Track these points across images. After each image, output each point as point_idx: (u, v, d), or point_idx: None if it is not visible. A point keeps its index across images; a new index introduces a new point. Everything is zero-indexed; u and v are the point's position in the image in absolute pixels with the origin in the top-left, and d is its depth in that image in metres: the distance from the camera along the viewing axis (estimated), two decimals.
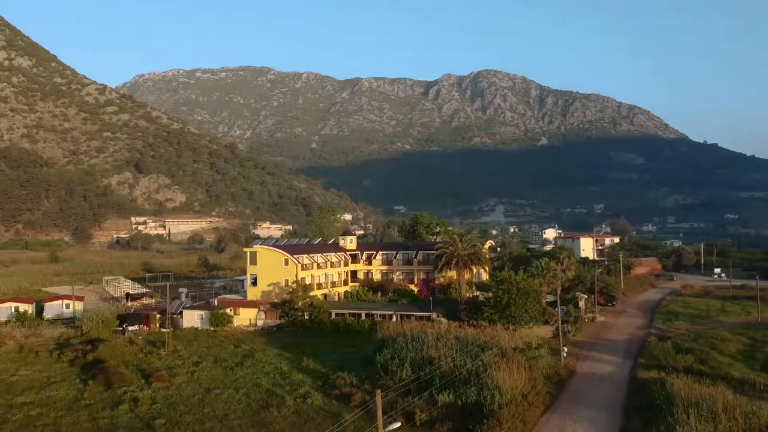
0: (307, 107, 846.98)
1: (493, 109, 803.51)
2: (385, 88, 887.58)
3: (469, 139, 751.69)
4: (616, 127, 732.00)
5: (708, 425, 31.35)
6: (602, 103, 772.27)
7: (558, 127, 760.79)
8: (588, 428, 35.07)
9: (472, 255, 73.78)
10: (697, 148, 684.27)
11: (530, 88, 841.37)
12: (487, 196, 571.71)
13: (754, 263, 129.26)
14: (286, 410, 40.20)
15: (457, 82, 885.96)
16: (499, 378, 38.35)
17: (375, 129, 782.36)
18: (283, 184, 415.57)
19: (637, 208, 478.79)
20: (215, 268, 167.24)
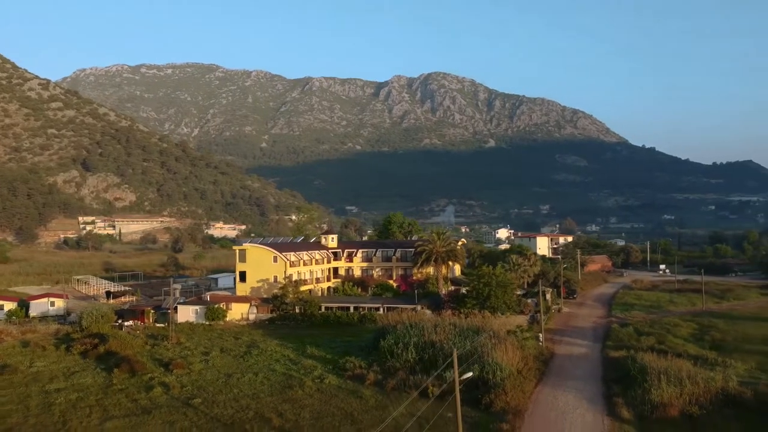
0: (257, 106, 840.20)
1: (443, 111, 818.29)
2: (336, 89, 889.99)
3: (419, 140, 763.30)
4: (561, 131, 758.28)
5: (676, 388, 38.10)
6: (548, 107, 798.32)
7: (505, 130, 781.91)
8: (576, 395, 41.38)
9: (449, 252, 79.93)
10: (636, 151, 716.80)
11: (479, 91, 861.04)
12: (438, 196, 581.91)
13: (694, 260, 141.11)
14: (308, 389, 44.89)
15: (407, 84, 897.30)
16: (498, 357, 44.37)
17: (326, 129, 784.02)
18: (236, 184, 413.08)
19: (580, 208, 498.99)
20: (181, 268, 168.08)
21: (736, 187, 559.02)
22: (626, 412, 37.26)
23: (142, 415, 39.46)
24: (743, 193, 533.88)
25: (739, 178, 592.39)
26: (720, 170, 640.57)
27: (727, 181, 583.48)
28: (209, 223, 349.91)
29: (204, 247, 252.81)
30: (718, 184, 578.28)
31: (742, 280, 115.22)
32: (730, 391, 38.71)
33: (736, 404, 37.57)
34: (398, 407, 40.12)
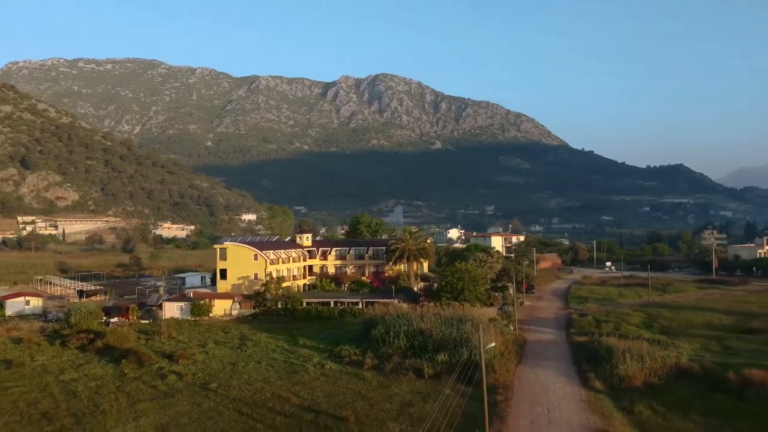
0: (202, 104, 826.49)
1: (390, 113, 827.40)
2: (283, 88, 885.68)
3: (367, 140, 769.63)
4: (505, 133, 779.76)
5: (638, 363, 44.67)
6: (492, 110, 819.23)
7: (451, 132, 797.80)
8: (553, 372, 47.41)
9: (420, 250, 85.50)
10: (576, 154, 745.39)
11: (425, 93, 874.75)
12: (386, 197, 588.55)
13: (635, 258, 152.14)
14: (312, 374, 49.21)
15: (355, 85, 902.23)
16: (484, 341, 49.78)
17: (273, 128, 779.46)
18: (184, 183, 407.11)
19: (524, 209, 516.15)
20: (140, 268, 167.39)
21: (669, 189, 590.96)
22: (598, 384, 43.56)
23: (166, 399, 42.87)
24: (675, 195, 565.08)
25: (671, 181, 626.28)
26: (654, 173, 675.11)
27: (661, 184, 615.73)
28: (157, 223, 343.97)
29: (156, 248, 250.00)
30: (652, 187, 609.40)
31: (680, 275, 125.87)
32: (682, 365, 45.70)
33: (687, 375, 44.55)
34: (398, 387, 45.21)
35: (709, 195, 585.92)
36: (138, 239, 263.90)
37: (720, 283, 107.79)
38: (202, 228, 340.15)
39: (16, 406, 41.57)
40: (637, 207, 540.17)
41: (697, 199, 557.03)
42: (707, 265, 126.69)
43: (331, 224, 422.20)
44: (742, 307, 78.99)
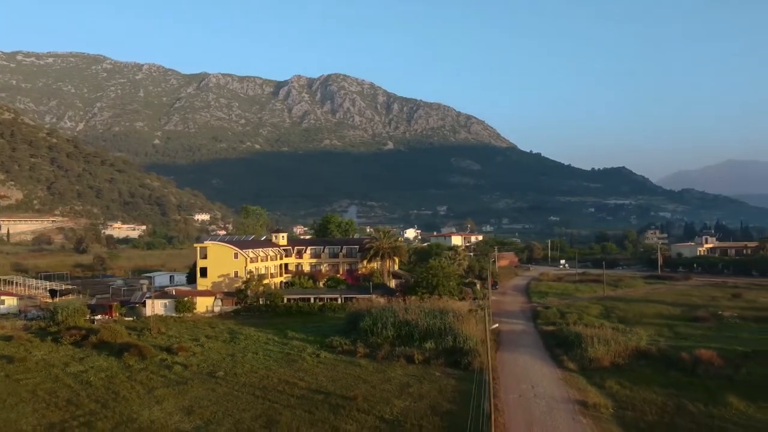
0: (149, 101, 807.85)
1: (343, 113, 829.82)
2: (234, 86, 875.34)
3: (319, 140, 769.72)
4: (456, 135, 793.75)
5: (605, 347, 50.54)
6: (443, 111, 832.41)
7: (403, 133, 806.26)
8: (530, 356, 52.86)
9: (394, 248, 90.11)
10: (524, 156, 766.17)
11: (378, 94, 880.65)
12: (340, 197, 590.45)
13: (586, 256, 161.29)
14: (310, 362, 53.03)
15: (307, 84, 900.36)
16: (466, 330, 54.93)
17: (223, 127, 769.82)
18: (134, 183, 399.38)
19: (475, 210, 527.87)
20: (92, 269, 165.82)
21: (612, 191, 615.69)
22: (571, 365, 49.16)
23: (179, 386, 45.93)
24: (618, 197, 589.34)
25: (615, 183, 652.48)
26: (598, 175, 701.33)
27: (605, 186, 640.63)
28: (106, 223, 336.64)
29: (110, 248, 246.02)
30: (596, 188, 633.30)
31: (628, 272, 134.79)
32: (641, 348, 51.92)
33: (646, 357, 50.75)
34: (393, 371, 49.61)
35: (649, 197, 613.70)
36: (91, 239, 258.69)
37: (665, 279, 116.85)
38: (155, 228, 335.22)
39: (35, 395, 43.85)
40: (582, 208, 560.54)
41: (639, 200, 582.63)
42: (653, 262, 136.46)
43: (284, 224, 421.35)
44: (686, 300, 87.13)
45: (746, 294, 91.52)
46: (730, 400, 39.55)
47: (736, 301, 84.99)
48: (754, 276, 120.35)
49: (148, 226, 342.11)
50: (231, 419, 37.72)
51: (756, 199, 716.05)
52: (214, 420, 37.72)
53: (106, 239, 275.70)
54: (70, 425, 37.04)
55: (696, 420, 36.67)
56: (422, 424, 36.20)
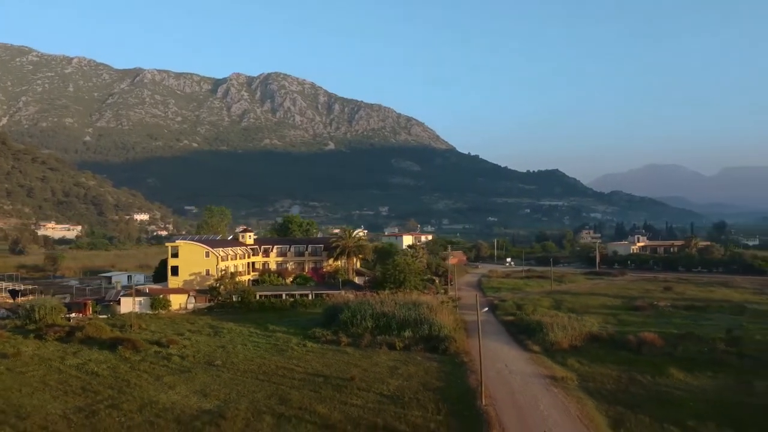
0: (80, 96, 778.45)
1: (283, 112, 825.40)
2: (170, 82, 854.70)
3: (259, 140, 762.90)
4: (396, 137, 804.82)
5: (564, 332, 57.43)
6: (384, 113, 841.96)
7: (345, 134, 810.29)
8: (497, 342, 59.10)
9: (359, 247, 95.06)
10: (463, 158, 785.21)
11: (319, 94, 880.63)
12: (281, 197, 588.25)
13: (528, 255, 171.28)
14: (299, 351, 57.33)
15: (246, 83, 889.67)
16: (440, 320, 60.70)
17: (159, 124, 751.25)
18: (68, 181, 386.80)
19: (416, 210, 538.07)
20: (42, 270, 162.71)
21: (546, 192, 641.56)
22: (536, 348, 55.73)
23: (184, 374, 49.39)
24: (552, 198, 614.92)
25: (548, 185, 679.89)
26: (532, 177, 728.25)
27: (539, 188, 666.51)
28: (39, 224, 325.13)
29: (47, 248, 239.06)
30: (531, 190, 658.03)
31: (569, 269, 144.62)
32: (594, 333, 59.26)
33: (598, 340, 58.06)
34: (378, 357, 54.66)
35: (580, 198, 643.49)
36: (27, 240, 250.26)
37: (603, 275, 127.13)
38: (92, 228, 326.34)
39: (47, 385, 46.34)
40: (518, 209, 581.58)
41: (571, 201, 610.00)
42: (591, 260, 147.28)
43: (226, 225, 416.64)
44: (625, 292, 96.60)
45: (675, 287, 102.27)
46: (671, 371, 46.90)
47: (668, 293, 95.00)
48: (681, 271, 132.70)
49: (84, 226, 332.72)
50: (246, 399, 41.80)
51: (676, 201, 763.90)
52: (230, 400, 41.68)
53: (44, 240, 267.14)
54: (97, 408, 40.12)
55: (646, 388, 43.67)
56: (418, 398, 41.48)
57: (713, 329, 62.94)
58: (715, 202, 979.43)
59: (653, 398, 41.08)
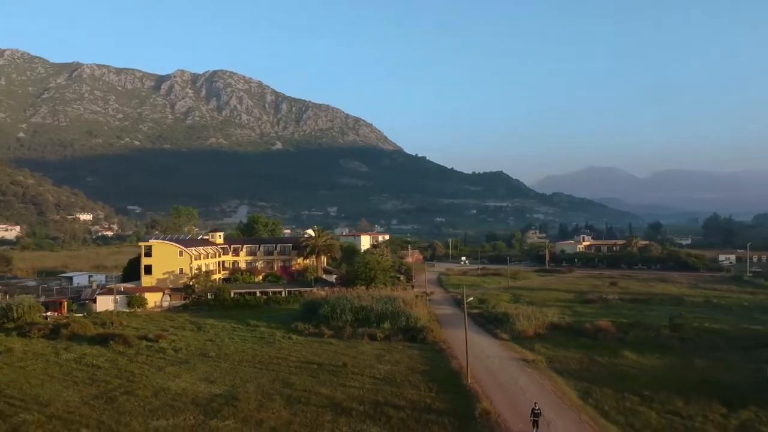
0: (12, 90, 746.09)
1: (229, 111, 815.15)
2: (111, 78, 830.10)
3: (204, 138, 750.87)
4: (344, 137, 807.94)
5: (529, 322, 63.46)
6: (332, 113, 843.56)
7: (292, 133, 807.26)
8: (469, 331, 64.15)
9: (329, 246, 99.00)
10: (410, 159, 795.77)
11: (266, 93, 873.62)
12: (229, 197, 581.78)
13: (480, 254, 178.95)
14: (287, 343, 61.03)
15: (191, 80, 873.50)
16: (416, 312, 65.67)
17: (99, 121, 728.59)
18: (4, 179, 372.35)
19: (364, 211, 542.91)
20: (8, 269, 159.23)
21: (491, 194, 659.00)
22: (504, 336, 61.48)
23: (183, 364, 52.38)
24: (496, 200, 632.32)
25: (493, 187, 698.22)
26: (478, 179, 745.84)
27: (484, 189, 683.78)
28: None
29: None
30: (476, 191, 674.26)
31: (520, 266, 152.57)
32: (554, 322, 65.65)
33: (559, 328, 64.42)
34: (362, 347, 59.02)
35: (524, 199, 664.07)
36: None
37: (553, 272, 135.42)
38: (33, 229, 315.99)
39: (53, 377, 48.50)
40: (464, 209, 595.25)
41: (515, 203, 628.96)
42: (541, 258, 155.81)
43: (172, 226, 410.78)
44: (575, 287, 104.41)
45: (620, 282, 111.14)
46: (625, 353, 53.42)
47: (614, 287, 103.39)
48: (623, 268, 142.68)
49: (23, 226, 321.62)
50: (252, 384, 45.43)
51: (614, 203, 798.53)
52: (237, 385, 45.21)
53: None
54: (113, 395, 42.91)
55: (605, 367, 49.88)
56: (409, 380, 46.21)
57: (657, 318, 70.54)
58: (649, 203, 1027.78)
59: (612, 375, 47.26)
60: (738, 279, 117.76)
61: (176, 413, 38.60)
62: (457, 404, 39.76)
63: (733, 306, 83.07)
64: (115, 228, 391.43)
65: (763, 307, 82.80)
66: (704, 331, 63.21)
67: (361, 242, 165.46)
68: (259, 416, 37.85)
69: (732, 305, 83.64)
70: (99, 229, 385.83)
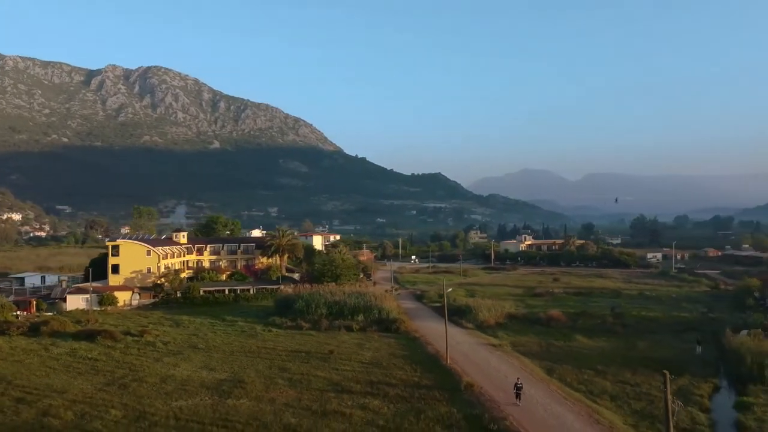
0: None
1: (164, 108, 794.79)
2: (36, 71, 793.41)
3: (138, 136, 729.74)
4: (284, 137, 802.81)
5: (490, 312, 70.12)
6: (272, 113, 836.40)
7: (230, 133, 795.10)
8: (436, 323, 70.34)
9: (292, 245, 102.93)
10: (350, 160, 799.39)
11: (203, 90, 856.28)
12: (165, 197, 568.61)
13: (427, 253, 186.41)
14: (269, 336, 65.06)
15: (124, 75, 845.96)
16: (388, 305, 71.10)
17: (23, 116, 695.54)
18: None
19: (305, 211, 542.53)
20: None
21: (430, 195, 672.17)
22: (469, 325, 67.87)
23: (176, 356, 55.66)
24: (435, 201, 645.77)
25: (432, 188, 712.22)
26: (417, 180, 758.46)
27: (423, 190, 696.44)
28: None
29: None
30: (416, 192, 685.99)
31: (467, 265, 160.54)
32: (512, 312, 72.76)
33: (516, 318, 71.62)
34: (341, 337, 63.84)
35: (461, 201, 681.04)
36: None
37: (499, 269, 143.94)
38: None
39: (54, 370, 50.87)
40: (404, 210, 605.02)
41: (453, 204, 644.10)
42: (487, 257, 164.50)
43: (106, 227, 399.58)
44: (522, 283, 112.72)
45: (562, 278, 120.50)
46: (577, 338, 60.84)
47: (557, 283, 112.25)
48: (562, 266, 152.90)
49: None
50: (251, 370, 49.53)
51: (547, 204, 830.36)
52: (237, 371, 49.20)
53: None
54: (124, 382, 46.10)
55: (561, 349, 56.93)
56: (393, 363, 51.54)
57: (600, 308, 78.84)
58: (580, 205, 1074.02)
59: (568, 355, 54.28)
60: (665, 274, 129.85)
61: (191, 395, 42.42)
62: (442, 381, 45.43)
63: (663, 297, 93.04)
64: (47, 228, 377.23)
65: (689, 298, 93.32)
66: (641, 318, 71.86)
67: (313, 242, 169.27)
68: (269, 395, 42.24)
69: (662, 297, 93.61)
70: (30, 229, 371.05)
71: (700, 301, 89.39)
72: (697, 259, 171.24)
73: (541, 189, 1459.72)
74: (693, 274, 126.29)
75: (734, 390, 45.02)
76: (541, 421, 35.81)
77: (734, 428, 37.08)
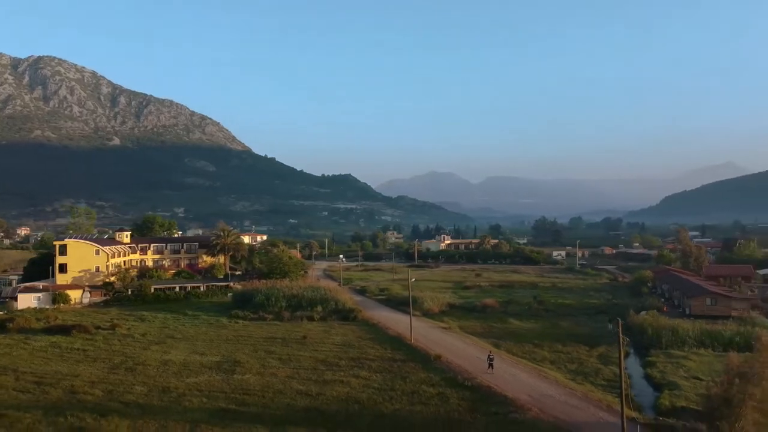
0: None
1: (58, 101, 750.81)
2: None
3: (28, 130, 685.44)
4: (190, 135, 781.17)
5: (434, 303, 79.49)
6: (176, 109, 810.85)
7: (132, 129, 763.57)
8: (387, 312, 78.69)
9: (237, 244, 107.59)
10: (259, 160, 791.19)
11: (101, 84, 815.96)
12: (61, 196, 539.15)
13: (351, 252, 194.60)
14: (238, 327, 70.54)
15: (12, 64, 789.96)
16: (343, 297, 78.63)
17: None
18: None
19: (214, 212, 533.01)
20: None
21: (340, 196, 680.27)
22: (417, 313, 76.58)
23: (160, 344, 60.30)
24: (345, 202, 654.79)
25: (342, 189, 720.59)
26: (327, 181, 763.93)
27: (333, 191, 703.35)
28: None
29: None
30: (326, 193, 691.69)
31: (393, 263, 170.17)
32: (451, 302, 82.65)
33: (456, 307, 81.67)
34: (305, 327, 70.61)
35: (371, 202, 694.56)
36: None
37: (423, 267, 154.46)
38: None
39: (48, 359, 54.23)
40: (316, 211, 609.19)
41: (363, 205, 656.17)
42: (410, 255, 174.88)
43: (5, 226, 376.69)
44: (449, 278, 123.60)
45: (483, 273, 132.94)
46: (511, 321, 71.59)
47: (480, 278, 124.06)
48: (480, 263, 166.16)
49: None
50: (240, 353, 55.51)
51: (452, 206, 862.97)
52: (227, 354, 55.01)
53: None
54: (128, 366, 50.74)
55: (501, 330, 67.20)
56: (363, 344, 59.32)
57: (523, 297, 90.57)
58: (483, 206, 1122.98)
59: (508, 334, 64.50)
60: (571, 269, 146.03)
61: (198, 374, 48.12)
62: (413, 355, 53.86)
63: (573, 288, 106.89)
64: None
65: (594, 288, 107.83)
66: (560, 304, 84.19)
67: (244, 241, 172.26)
68: (269, 372, 48.77)
69: (572, 287, 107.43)
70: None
71: (603, 291, 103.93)
72: (596, 257, 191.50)
73: (447, 191, 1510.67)
74: (595, 269, 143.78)
75: (639, 354, 56.73)
76: (502, 379, 45.13)
77: (645, 379, 48.33)
